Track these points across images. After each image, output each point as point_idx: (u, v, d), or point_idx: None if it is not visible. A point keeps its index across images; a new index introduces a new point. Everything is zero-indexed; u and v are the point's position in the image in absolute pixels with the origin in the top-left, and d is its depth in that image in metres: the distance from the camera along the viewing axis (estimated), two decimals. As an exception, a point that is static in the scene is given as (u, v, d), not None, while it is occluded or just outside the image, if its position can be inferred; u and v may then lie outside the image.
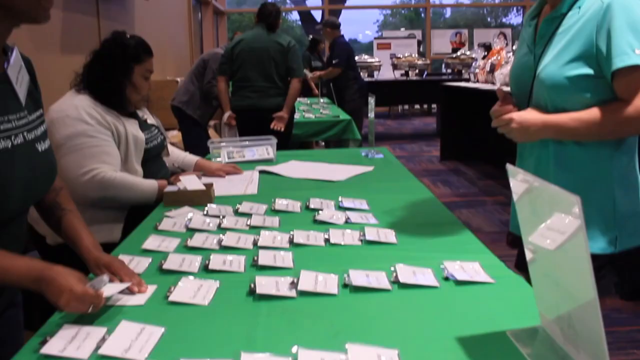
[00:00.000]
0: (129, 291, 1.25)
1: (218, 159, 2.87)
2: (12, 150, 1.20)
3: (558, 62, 1.42)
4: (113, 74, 2.14)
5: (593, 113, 1.38)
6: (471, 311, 1.14)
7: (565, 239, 0.81)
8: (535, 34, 1.56)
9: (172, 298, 1.21)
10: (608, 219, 1.45)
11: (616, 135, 1.42)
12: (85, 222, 1.49)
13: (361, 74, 8.13)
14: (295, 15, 18.27)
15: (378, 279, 1.27)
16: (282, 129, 4.30)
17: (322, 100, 7.34)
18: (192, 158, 2.56)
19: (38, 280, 1.12)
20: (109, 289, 1.20)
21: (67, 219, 1.44)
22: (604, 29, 1.34)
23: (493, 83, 6.32)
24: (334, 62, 6.73)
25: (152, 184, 2.11)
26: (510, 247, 1.90)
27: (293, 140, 4.77)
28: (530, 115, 1.45)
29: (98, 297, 1.13)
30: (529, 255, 0.99)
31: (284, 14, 13.65)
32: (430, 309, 1.15)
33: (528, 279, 1.07)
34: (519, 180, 0.96)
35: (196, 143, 4.90)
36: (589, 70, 1.38)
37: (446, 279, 1.28)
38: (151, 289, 1.28)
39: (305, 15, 17.20)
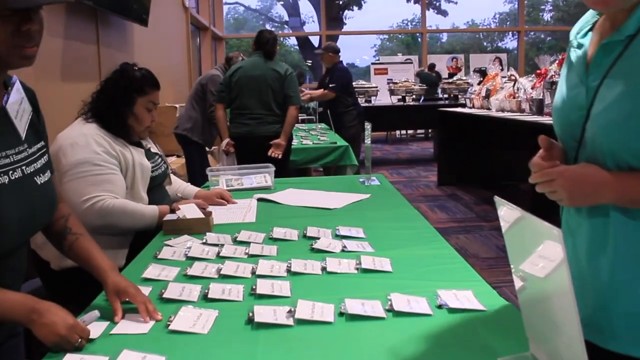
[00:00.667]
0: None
1: (216, 187, 2.91)
2: (8, 186, 1.23)
3: (623, 105, 1.04)
4: (116, 104, 2.20)
5: None
6: (463, 339, 1.17)
7: (549, 271, 0.85)
8: (587, 58, 1.16)
9: (172, 327, 1.25)
10: None
11: None
12: None
13: (359, 99, 8.21)
14: (293, 40, 18.46)
15: (373, 307, 1.30)
16: (280, 156, 4.35)
17: (319, 126, 7.42)
18: (192, 189, 2.60)
19: (31, 312, 1.16)
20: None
21: (79, 243, 1.48)
22: None
23: (489, 109, 6.40)
24: (330, 85, 6.81)
25: (152, 209, 2.15)
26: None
27: (291, 167, 4.82)
28: (583, 171, 1.09)
29: (86, 331, 1.18)
30: (517, 283, 1.03)
31: (281, 39, 13.77)
32: (424, 337, 1.18)
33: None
34: (505, 211, 1.00)
35: (201, 168, 5.00)
36: None
37: (439, 307, 1.32)
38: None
39: (303, 41, 17.40)
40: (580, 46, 1.19)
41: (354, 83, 7.97)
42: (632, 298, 1.06)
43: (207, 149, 5.45)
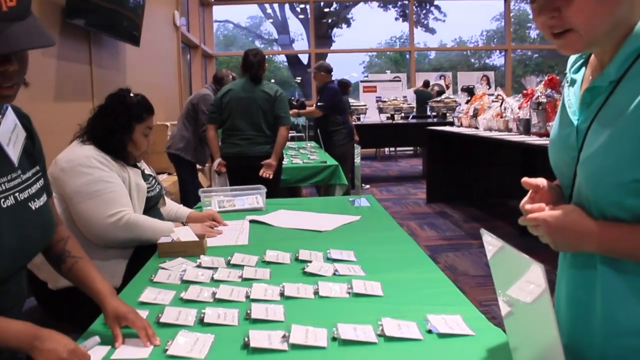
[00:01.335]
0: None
1: (208, 208, 2.94)
2: (1, 214, 1.26)
3: (605, 158, 1.03)
4: (115, 131, 2.26)
5: None
6: (452, 363, 1.21)
7: (532, 300, 0.90)
8: (578, 97, 1.15)
9: (170, 352, 1.28)
10: None
11: None
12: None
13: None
14: (282, 57, 18.58)
15: (365, 332, 1.35)
16: (271, 176, 4.40)
17: (309, 144, 7.49)
18: (184, 210, 2.65)
19: (33, 339, 1.19)
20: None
21: (78, 266, 1.51)
22: None
23: (477, 127, 6.49)
24: (318, 104, 6.89)
25: (170, 225, 2.25)
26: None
27: (282, 185, 4.87)
28: (567, 219, 1.06)
29: (87, 356, 1.21)
30: (503, 310, 1.08)
31: (270, 56, 13.83)
32: (414, 361, 1.23)
33: None
34: (489, 241, 1.05)
35: (194, 187, 5.08)
36: None
37: (429, 331, 1.36)
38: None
39: (292, 58, 17.52)
40: (573, 82, 1.19)
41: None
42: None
43: (198, 167, 5.51)
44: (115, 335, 1.35)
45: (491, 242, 1.03)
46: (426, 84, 12.46)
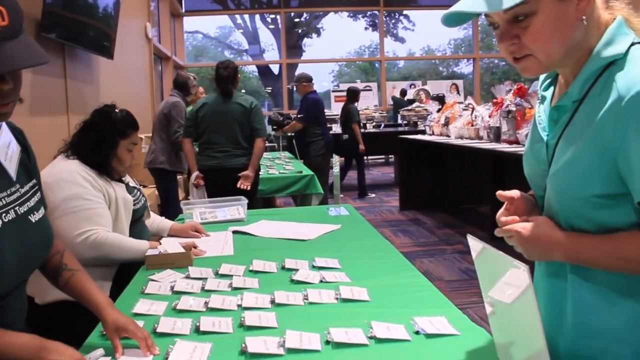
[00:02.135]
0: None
1: (189, 220, 2.98)
2: (3, 228, 1.29)
3: (570, 174, 1.10)
4: (100, 147, 2.29)
5: (617, 245, 1.06)
6: (440, 361, 1.29)
7: (516, 298, 0.98)
8: (548, 114, 1.22)
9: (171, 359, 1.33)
10: None
11: None
12: None
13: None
14: (252, 67, 18.62)
15: (356, 335, 1.42)
16: (249, 188, 4.45)
17: (283, 154, 7.55)
18: (166, 222, 2.69)
19: (40, 350, 1.23)
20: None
21: (76, 279, 1.54)
22: (624, 139, 1.01)
23: (448, 136, 6.63)
24: (298, 116, 6.93)
25: (144, 243, 2.25)
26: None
27: (258, 196, 4.92)
28: (538, 230, 1.13)
29: None
30: (488, 309, 1.15)
31: (241, 66, 13.83)
32: (405, 361, 1.30)
33: None
34: (475, 245, 1.12)
35: (175, 200, 5.14)
36: (607, 189, 1.06)
37: (417, 332, 1.44)
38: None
39: (263, 68, 17.57)
40: (543, 99, 1.25)
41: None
42: (609, 357, 1.11)
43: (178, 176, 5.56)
44: (115, 346, 1.39)
45: (476, 245, 1.11)
46: (403, 92, 12.63)
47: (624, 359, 1.08)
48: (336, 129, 9.86)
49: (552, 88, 1.25)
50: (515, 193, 1.24)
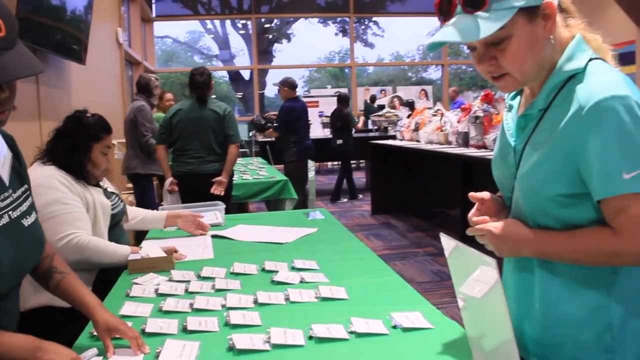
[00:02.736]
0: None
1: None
2: None
3: (536, 175, 1.22)
4: (74, 152, 2.32)
5: (580, 239, 1.17)
6: (417, 353, 1.39)
7: (486, 292, 1.07)
8: (515, 122, 1.33)
9: (162, 358, 1.39)
10: (605, 347, 1.20)
11: (605, 265, 1.18)
12: None
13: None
14: (222, 72, 18.61)
15: (337, 330, 1.50)
16: (222, 193, 4.50)
17: (256, 160, 7.61)
18: (160, 213, 2.74)
19: (36, 350, 1.28)
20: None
21: (66, 282, 1.59)
22: (584, 144, 1.12)
23: (418, 141, 6.77)
24: (274, 125, 7.03)
25: (125, 248, 2.28)
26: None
27: (232, 201, 4.97)
28: (508, 228, 1.23)
29: None
30: (460, 303, 1.25)
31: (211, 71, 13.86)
32: (383, 353, 1.40)
33: None
34: (447, 242, 1.21)
35: (150, 203, 5.19)
36: (570, 189, 1.17)
37: (394, 327, 1.53)
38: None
39: (234, 74, 17.59)
40: (510, 108, 1.37)
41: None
42: (573, 345, 1.23)
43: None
44: (106, 346, 1.45)
45: (449, 242, 1.20)
46: (372, 98, 12.78)
47: (586, 344, 1.21)
48: (319, 133, 9.95)
49: (518, 97, 1.37)
50: (485, 194, 1.35)
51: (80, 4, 5.36)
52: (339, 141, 8.74)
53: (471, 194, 1.35)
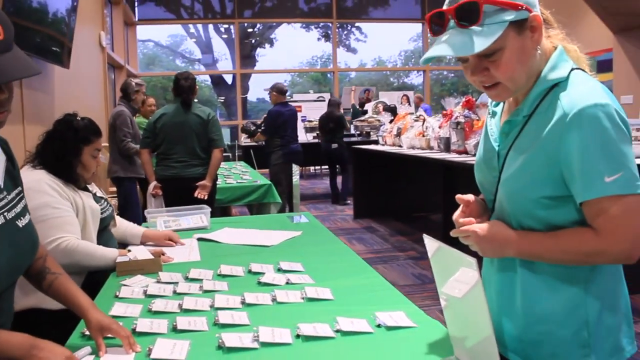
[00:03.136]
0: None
1: (154, 228, 3.06)
2: None
3: (520, 179, 1.28)
4: (65, 155, 2.35)
5: (562, 240, 1.23)
6: (401, 349, 1.45)
7: (468, 290, 1.13)
8: (499, 127, 1.40)
9: (153, 356, 1.43)
10: (582, 343, 1.27)
11: (585, 264, 1.26)
12: None
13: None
14: (205, 75, 18.58)
15: (324, 329, 1.55)
16: (206, 197, 4.53)
17: (238, 164, 7.65)
18: (138, 229, 2.76)
19: (32, 348, 1.32)
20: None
21: (59, 282, 1.62)
22: (568, 149, 1.19)
23: (400, 146, 6.84)
24: (261, 129, 7.18)
25: (113, 251, 2.31)
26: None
27: (216, 205, 5.00)
28: (492, 229, 1.29)
29: None
30: (443, 302, 1.30)
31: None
32: (368, 350, 1.45)
33: None
34: (430, 244, 1.27)
35: (134, 206, 5.21)
36: (553, 192, 1.24)
37: (378, 326, 1.59)
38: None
39: (216, 78, 17.58)
40: (494, 114, 1.44)
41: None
42: (551, 341, 1.30)
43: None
44: (98, 345, 1.48)
45: (432, 244, 1.26)
46: (361, 103, 12.87)
47: (565, 340, 1.28)
48: (302, 137, 9.97)
49: (502, 104, 1.43)
50: (471, 197, 1.41)
51: (63, 7, 5.37)
52: (334, 145, 8.80)
53: (458, 196, 1.40)
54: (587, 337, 1.27)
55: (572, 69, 1.28)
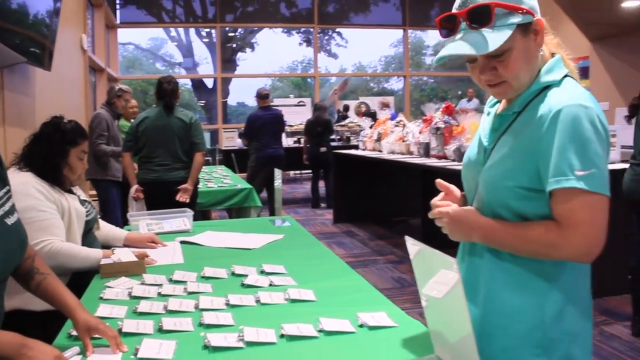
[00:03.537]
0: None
1: (137, 231, 3.07)
2: None
3: (500, 167, 1.34)
4: (52, 157, 2.37)
5: (524, 228, 1.30)
6: (382, 348, 1.49)
7: (448, 291, 1.17)
8: (490, 124, 1.47)
9: (140, 355, 1.46)
10: (535, 342, 1.32)
11: (542, 257, 1.30)
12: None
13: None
14: (185, 79, 18.53)
15: (307, 329, 1.59)
16: (188, 200, 4.54)
17: (219, 168, 7.67)
18: (120, 232, 2.77)
19: (21, 347, 1.34)
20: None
21: (47, 282, 1.64)
22: (547, 142, 1.25)
23: (380, 151, 6.90)
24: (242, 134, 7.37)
25: (97, 252, 2.34)
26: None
27: (197, 209, 5.01)
28: (464, 214, 1.38)
29: None
30: (424, 302, 1.35)
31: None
32: (351, 349, 1.49)
33: None
34: (412, 245, 1.32)
35: (113, 207, 5.21)
36: (529, 183, 1.30)
37: (361, 325, 1.63)
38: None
39: (197, 82, 17.53)
40: (488, 114, 1.52)
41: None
42: (505, 335, 1.35)
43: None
44: (86, 345, 1.51)
45: (413, 245, 1.30)
46: (346, 108, 12.94)
47: (517, 335, 1.33)
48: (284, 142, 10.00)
49: (497, 105, 1.52)
50: (453, 186, 1.50)
51: (44, 9, 5.35)
52: (323, 149, 8.85)
53: (438, 181, 1.49)
54: (541, 337, 1.31)
55: (566, 75, 1.36)
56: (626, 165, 3.94)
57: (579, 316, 1.34)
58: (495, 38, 1.26)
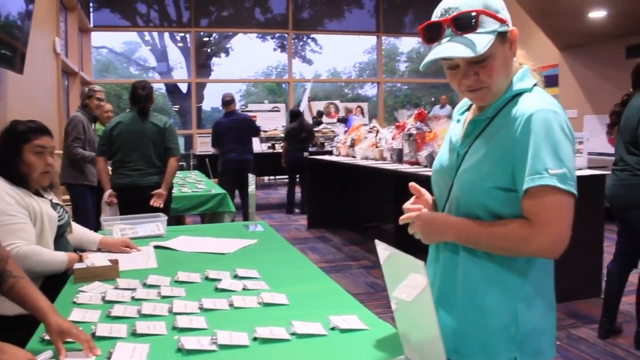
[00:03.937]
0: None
1: (110, 236, 3.06)
2: None
3: (477, 169, 1.40)
4: (5, 155, 2.39)
5: (495, 226, 1.35)
6: (353, 350, 1.52)
7: (417, 294, 1.21)
8: (462, 131, 1.52)
9: (114, 358, 1.47)
10: (509, 337, 1.38)
11: (512, 254, 1.36)
12: None
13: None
14: (160, 84, 18.43)
15: (280, 332, 1.62)
16: (161, 205, 4.53)
17: (193, 173, 7.65)
18: (95, 236, 2.77)
19: None
20: None
21: (20, 286, 1.64)
22: (522, 143, 1.32)
23: (354, 157, 6.96)
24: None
25: (63, 255, 2.34)
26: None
27: (172, 214, 5.00)
28: (435, 215, 1.45)
29: None
30: (394, 305, 1.38)
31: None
32: (323, 351, 1.52)
33: None
34: (382, 250, 1.35)
35: (85, 211, 5.18)
36: (505, 184, 1.35)
37: (332, 328, 1.66)
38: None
39: (171, 86, 17.45)
40: (458, 121, 1.57)
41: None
42: (482, 331, 1.41)
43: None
44: (59, 349, 1.51)
45: (383, 249, 1.34)
46: (320, 114, 12.99)
47: (494, 332, 1.39)
48: (256, 147, 9.99)
49: (466, 114, 1.57)
50: (425, 190, 1.55)
51: (16, 11, 5.30)
52: (306, 154, 8.90)
53: (412, 184, 1.54)
54: (514, 333, 1.38)
55: (535, 84, 1.44)
56: (594, 172, 4.04)
57: (547, 311, 1.43)
58: (482, 42, 1.32)
